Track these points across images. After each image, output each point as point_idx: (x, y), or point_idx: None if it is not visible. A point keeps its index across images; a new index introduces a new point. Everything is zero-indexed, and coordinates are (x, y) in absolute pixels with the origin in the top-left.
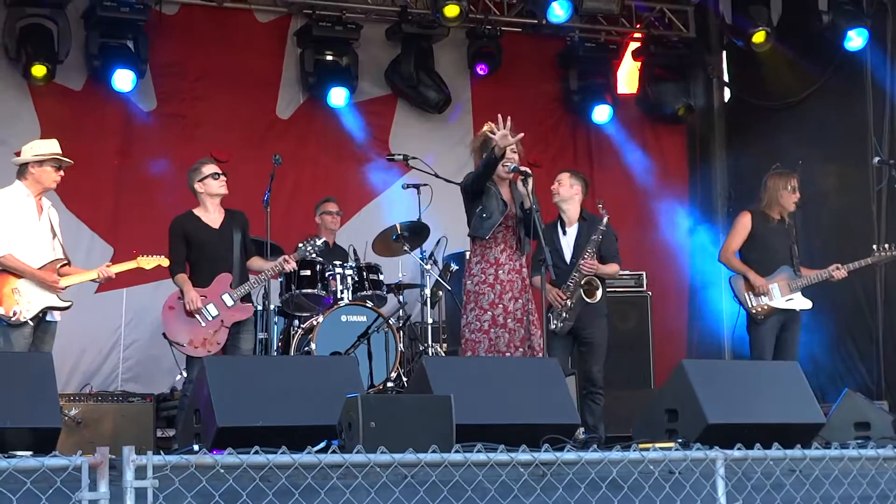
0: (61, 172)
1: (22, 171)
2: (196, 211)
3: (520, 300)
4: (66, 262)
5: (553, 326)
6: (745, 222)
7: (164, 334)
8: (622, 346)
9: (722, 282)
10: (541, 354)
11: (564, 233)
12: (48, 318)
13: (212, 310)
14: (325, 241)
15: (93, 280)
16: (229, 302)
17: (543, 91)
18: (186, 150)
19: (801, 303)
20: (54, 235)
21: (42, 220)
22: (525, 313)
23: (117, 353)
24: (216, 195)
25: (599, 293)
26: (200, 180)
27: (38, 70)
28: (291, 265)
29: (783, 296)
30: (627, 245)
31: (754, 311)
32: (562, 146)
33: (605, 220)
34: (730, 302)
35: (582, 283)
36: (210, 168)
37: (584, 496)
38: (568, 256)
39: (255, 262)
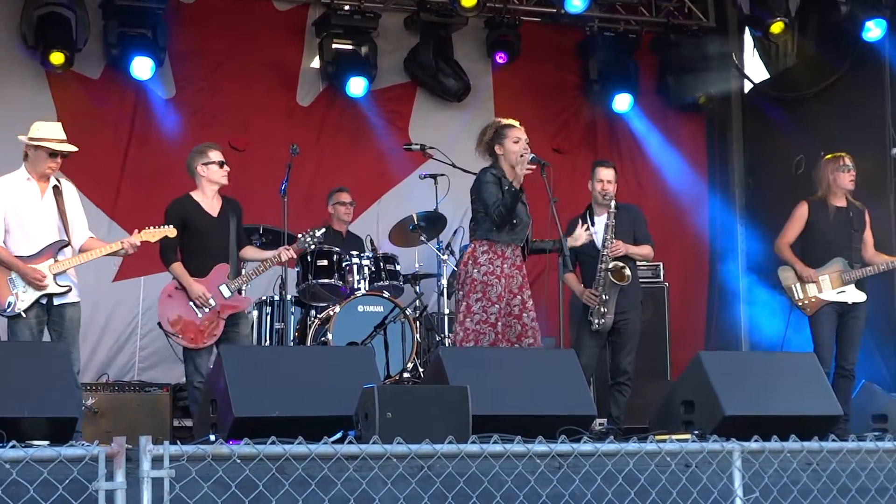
0: (58, 160)
1: (25, 153)
2: (195, 195)
3: (518, 296)
4: (66, 243)
5: (595, 326)
6: (801, 212)
7: (158, 324)
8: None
9: (740, 274)
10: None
11: (594, 223)
12: (56, 301)
13: (210, 301)
14: (325, 231)
15: (115, 252)
16: (226, 293)
17: (563, 80)
18: (205, 138)
19: (853, 295)
20: (62, 217)
21: (45, 202)
22: (524, 310)
23: (134, 343)
24: (216, 183)
25: (627, 272)
26: (204, 164)
27: (57, 57)
28: (289, 254)
29: (833, 288)
30: None
31: (800, 305)
32: (583, 134)
33: (612, 203)
34: (749, 294)
35: (609, 267)
36: (217, 155)
37: (601, 488)
38: (599, 246)
39: (248, 252)
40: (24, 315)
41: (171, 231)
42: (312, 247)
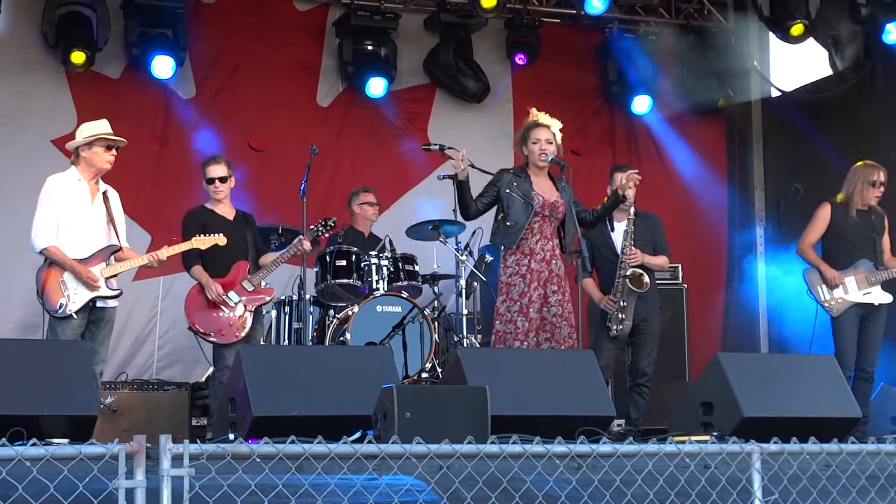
0: (113, 152)
1: (76, 155)
2: (208, 205)
3: (542, 290)
4: (118, 248)
5: (613, 333)
6: (823, 214)
7: (189, 327)
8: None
9: (759, 276)
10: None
11: (613, 228)
12: (99, 304)
13: (233, 296)
14: (347, 231)
15: (144, 265)
16: (249, 287)
17: (583, 81)
18: (225, 138)
19: (879, 297)
20: (110, 220)
21: (95, 205)
22: (547, 304)
23: (152, 342)
24: (217, 201)
25: (646, 279)
26: (207, 182)
27: (78, 57)
28: (306, 244)
29: (860, 289)
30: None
31: (826, 306)
32: (602, 135)
33: (631, 210)
34: (768, 296)
35: (628, 275)
36: (213, 171)
37: (620, 489)
38: (619, 252)
39: (269, 258)
40: (74, 317)
41: (220, 239)
42: (327, 234)
